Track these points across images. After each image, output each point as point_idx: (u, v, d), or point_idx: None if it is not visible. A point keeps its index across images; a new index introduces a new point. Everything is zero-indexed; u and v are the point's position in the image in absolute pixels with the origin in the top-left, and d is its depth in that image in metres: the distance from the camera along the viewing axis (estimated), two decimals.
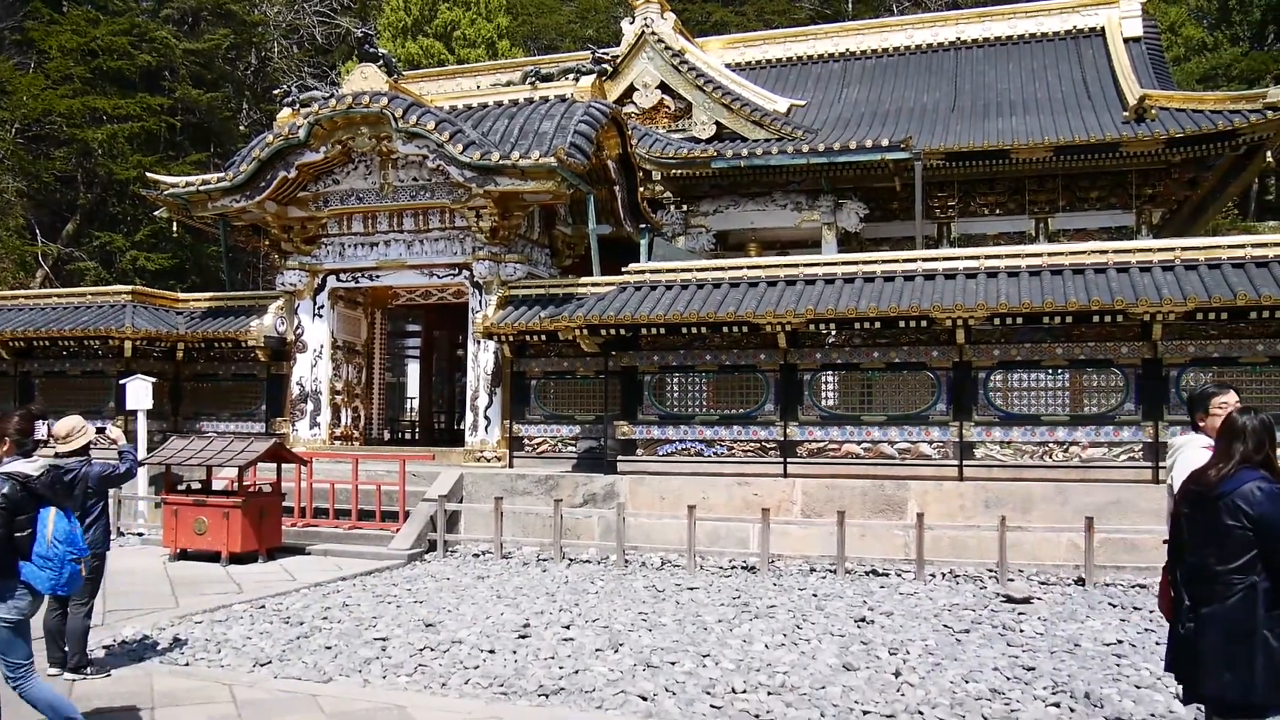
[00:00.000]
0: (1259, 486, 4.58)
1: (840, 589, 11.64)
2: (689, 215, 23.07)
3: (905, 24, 29.99)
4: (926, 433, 13.81)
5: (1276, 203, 49.18)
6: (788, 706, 7.11)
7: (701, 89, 24.16)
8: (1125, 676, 7.82)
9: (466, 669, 8.09)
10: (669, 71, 24.67)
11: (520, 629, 9.44)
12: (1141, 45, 26.01)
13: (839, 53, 28.91)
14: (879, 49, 28.68)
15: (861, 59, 28.66)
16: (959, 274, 13.85)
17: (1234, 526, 4.58)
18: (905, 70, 27.81)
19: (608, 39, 38.25)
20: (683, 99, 24.66)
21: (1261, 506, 4.53)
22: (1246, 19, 45.54)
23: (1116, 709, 6.97)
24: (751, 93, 24.36)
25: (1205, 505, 4.73)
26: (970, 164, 21.73)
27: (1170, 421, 12.99)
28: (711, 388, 14.98)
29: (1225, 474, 4.69)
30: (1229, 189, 24.20)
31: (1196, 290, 12.45)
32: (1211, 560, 4.66)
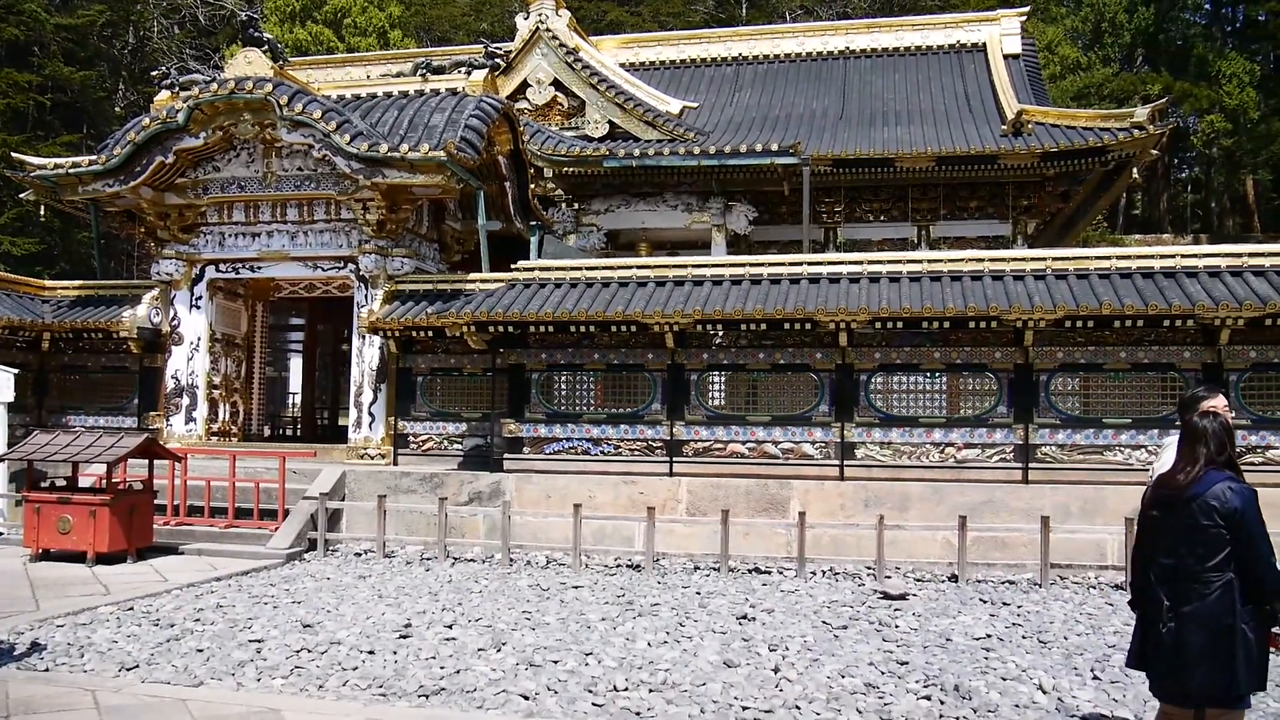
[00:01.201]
0: (1229, 487, 4.89)
1: (723, 587, 11.78)
2: (580, 213, 23.07)
3: (797, 31, 30.54)
4: (809, 433, 14.08)
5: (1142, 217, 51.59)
6: (669, 704, 7.17)
7: (595, 88, 24.19)
8: (993, 669, 8.10)
9: (345, 670, 7.94)
10: (563, 69, 24.63)
11: (401, 629, 9.31)
12: (1020, 62, 27.00)
13: (732, 57, 29.27)
14: (771, 55, 29.14)
15: (754, 64, 29.08)
16: (843, 278, 14.16)
17: (1208, 526, 4.88)
18: (796, 77, 28.30)
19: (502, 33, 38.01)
20: (576, 97, 24.65)
21: (1232, 504, 4.84)
22: (1117, 41, 47.66)
23: (984, 700, 7.22)
24: (645, 93, 24.51)
25: (1177, 507, 4.99)
26: (857, 171, 22.24)
27: (1040, 424, 13.51)
28: (599, 386, 15.01)
29: (1194, 477, 4.96)
30: (1099, 202, 25.31)
31: (1066, 299, 12.97)
32: (1188, 560, 4.93)
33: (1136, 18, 47.39)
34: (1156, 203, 52.19)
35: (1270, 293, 12.64)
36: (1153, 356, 13.34)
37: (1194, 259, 13.59)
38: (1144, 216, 51.94)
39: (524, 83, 24.94)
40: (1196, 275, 13.25)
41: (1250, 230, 47.48)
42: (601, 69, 24.73)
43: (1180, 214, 54.34)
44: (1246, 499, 4.88)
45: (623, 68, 26.43)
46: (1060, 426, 13.51)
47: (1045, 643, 9.06)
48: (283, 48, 18.33)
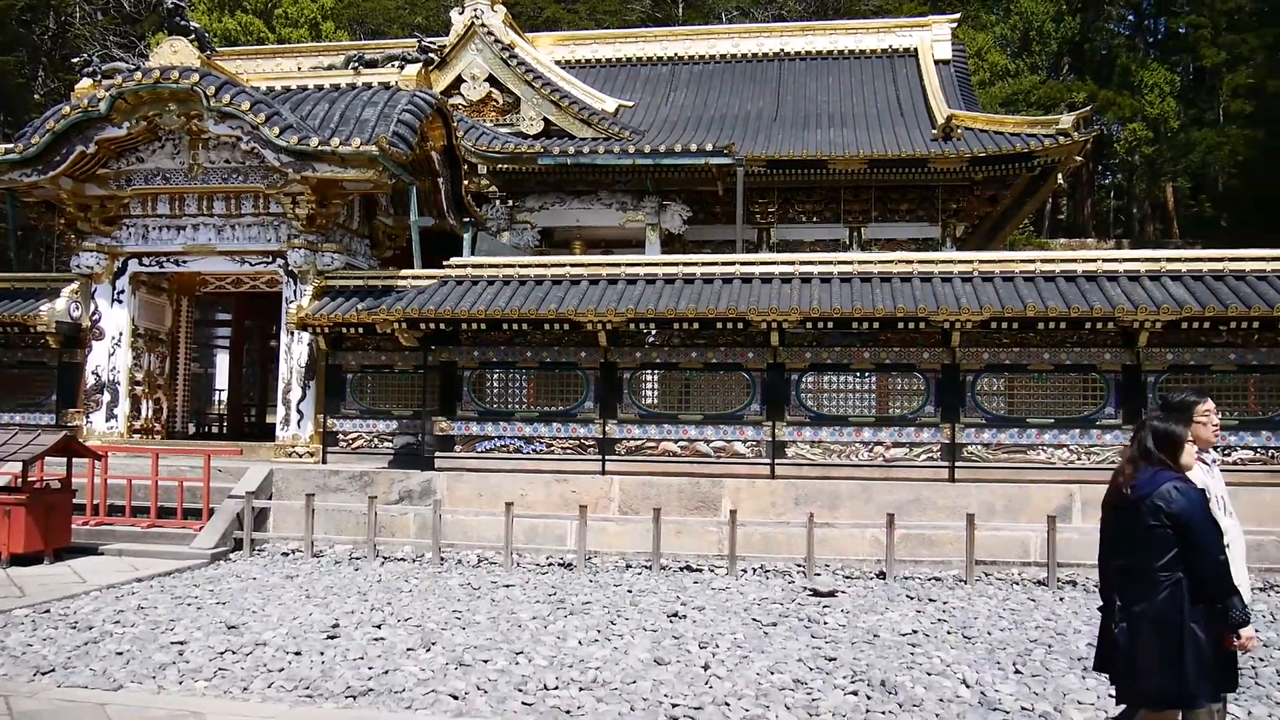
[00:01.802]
0: (1175, 487, 4.92)
1: (655, 585, 11.81)
2: (514, 211, 22.96)
3: (733, 32, 30.71)
4: (741, 432, 14.17)
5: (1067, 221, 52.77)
6: (599, 701, 7.17)
7: (531, 85, 24.09)
8: (919, 665, 8.22)
9: (270, 672, 7.82)
10: (498, 65, 24.49)
11: (329, 629, 9.19)
12: (951, 68, 27.44)
13: (668, 56, 29.33)
14: (706, 55, 29.25)
15: (689, 64, 29.17)
16: (775, 278, 14.28)
17: (1155, 526, 4.90)
18: (731, 78, 28.45)
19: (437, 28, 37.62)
20: (511, 93, 24.53)
21: (1178, 504, 4.86)
22: (1045, 50, 48.66)
23: (909, 695, 7.32)
24: (581, 91, 24.47)
25: (1127, 508, 5.04)
26: (790, 172, 22.43)
27: (966, 424, 13.76)
28: (532, 385, 14.95)
29: (1133, 477, 5.03)
30: (1025, 207, 25.85)
31: (992, 301, 13.23)
32: (1137, 560, 4.98)
33: (1063, 27, 48.43)
34: (1081, 208, 53.43)
35: (1186, 297, 13.01)
36: (1075, 358, 13.66)
37: (1115, 263, 13.95)
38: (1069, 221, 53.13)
39: (459, 78, 24.75)
40: (1117, 279, 13.59)
41: (1170, 236, 48.83)
42: (537, 66, 24.63)
43: (1104, 219, 55.71)
44: (1192, 500, 4.92)
45: (559, 65, 26.36)
46: (986, 426, 13.77)
47: (970, 638, 9.22)
48: (210, 37, 17.99)
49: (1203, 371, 13.50)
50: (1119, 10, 51.51)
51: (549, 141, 22.58)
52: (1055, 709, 7.05)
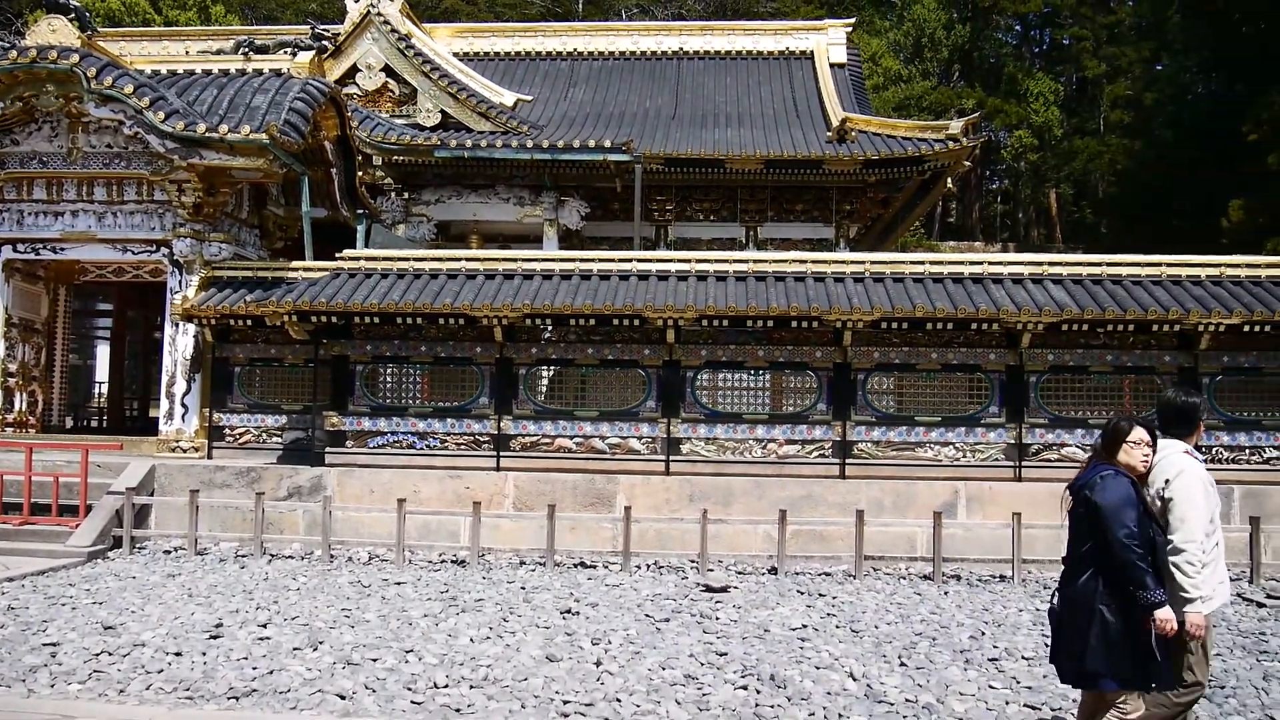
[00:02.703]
0: (1100, 475, 5.19)
1: (549, 581, 11.78)
2: (410, 203, 22.62)
3: (632, 30, 30.78)
4: (636, 429, 14.22)
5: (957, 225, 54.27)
6: (489, 699, 7.12)
7: (428, 76, 23.77)
8: (808, 659, 8.36)
9: (149, 673, 7.56)
10: (395, 55, 24.10)
11: (212, 629, 8.93)
12: (845, 72, 27.98)
13: (567, 52, 29.26)
14: (606, 52, 29.27)
15: (589, 60, 29.15)
16: (671, 276, 14.37)
17: (1082, 514, 5.23)
18: (630, 75, 28.52)
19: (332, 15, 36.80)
20: (408, 84, 24.17)
21: (1096, 492, 5.13)
22: (936, 56, 49.94)
23: (798, 689, 7.44)
24: (479, 84, 24.24)
25: (1073, 499, 5.37)
26: (688, 170, 22.60)
27: (857, 421, 14.03)
28: (426, 380, 14.76)
29: (1082, 470, 5.39)
30: (916, 209, 26.49)
31: (882, 301, 13.52)
32: (1071, 546, 5.33)
33: (954, 35, 49.77)
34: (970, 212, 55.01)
35: (1066, 300, 13.50)
36: (961, 358, 14.05)
37: (1000, 267, 14.39)
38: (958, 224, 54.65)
39: (354, 67, 24.28)
40: (1002, 282, 14.03)
41: (1053, 240, 50.63)
42: (435, 57, 24.31)
43: (991, 223, 57.42)
44: (1110, 491, 5.10)
45: (456, 57, 26.07)
46: (876, 424, 14.07)
47: (858, 632, 9.40)
48: (92, 16, 17.30)
49: (1082, 372, 14.01)
50: (1007, 20, 53.13)
51: (446, 134, 22.30)
52: (938, 700, 7.24)
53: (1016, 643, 9.00)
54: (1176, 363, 13.92)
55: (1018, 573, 12.33)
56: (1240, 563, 12.74)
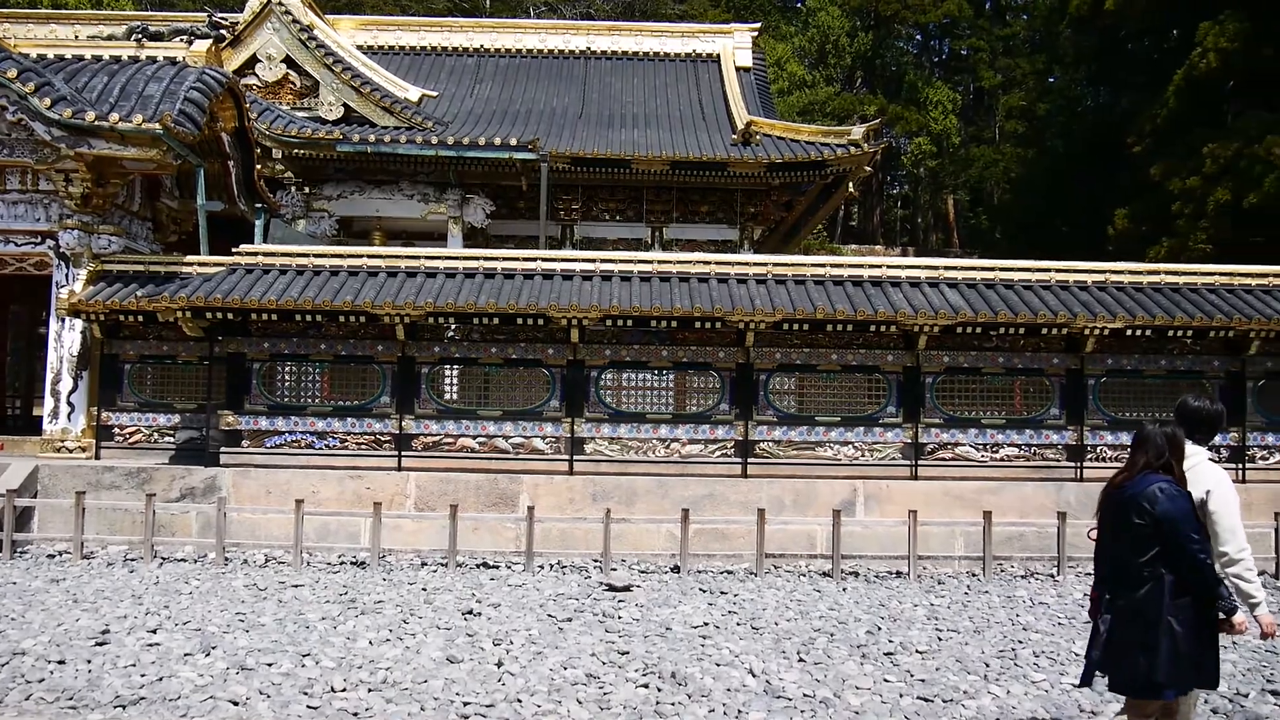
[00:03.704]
0: (1160, 488, 5.19)
1: (450, 582, 11.67)
2: (311, 198, 22.17)
3: (540, 28, 30.68)
4: (540, 428, 14.17)
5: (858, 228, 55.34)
6: (388, 703, 7.03)
7: (330, 68, 23.33)
8: (709, 656, 8.44)
9: (29, 683, 7.27)
10: (296, 46, 23.59)
11: (98, 636, 8.63)
12: (751, 75, 28.30)
13: (474, 48, 29.03)
14: (513, 49, 29.12)
15: (495, 57, 28.96)
16: (576, 275, 14.36)
17: (1140, 525, 5.18)
18: (537, 73, 28.42)
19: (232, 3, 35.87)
20: (310, 77, 23.68)
21: (1162, 506, 5.12)
22: (840, 63, 50.87)
23: (699, 686, 7.51)
24: (383, 78, 23.87)
25: (1117, 508, 5.34)
26: (594, 170, 22.61)
27: (759, 421, 14.21)
28: (326, 378, 14.49)
29: (1128, 478, 5.32)
30: (819, 213, 26.95)
31: (784, 303, 13.72)
32: (1124, 557, 5.26)
33: (857, 42, 50.76)
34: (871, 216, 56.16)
35: (961, 303, 13.87)
36: (860, 359, 14.33)
37: (898, 270, 14.72)
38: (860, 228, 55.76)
39: (253, 58, 23.69)
40: (900, 285, 14.35)
41: (951, 245, 52.00)
42: (338, 49, 23.87)
43: (891, 227, 58.73)
44: (1175, 501, 5.16)
45: (360, 50, 25.62)
46: (777, 423, 14.26)
47: (758, 629, 9.53)
48: None
49: (975, 374, 14.41)
50: (908, 30, 54.38)
51: (349, 128, 21.93)
52: (835, 694, 7.38)
53: (911, 637, 9.22)
54: (1064, 365, 14.41)
55: (913, 569, 12.62)
56: None
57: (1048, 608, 10.83)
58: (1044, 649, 8.89)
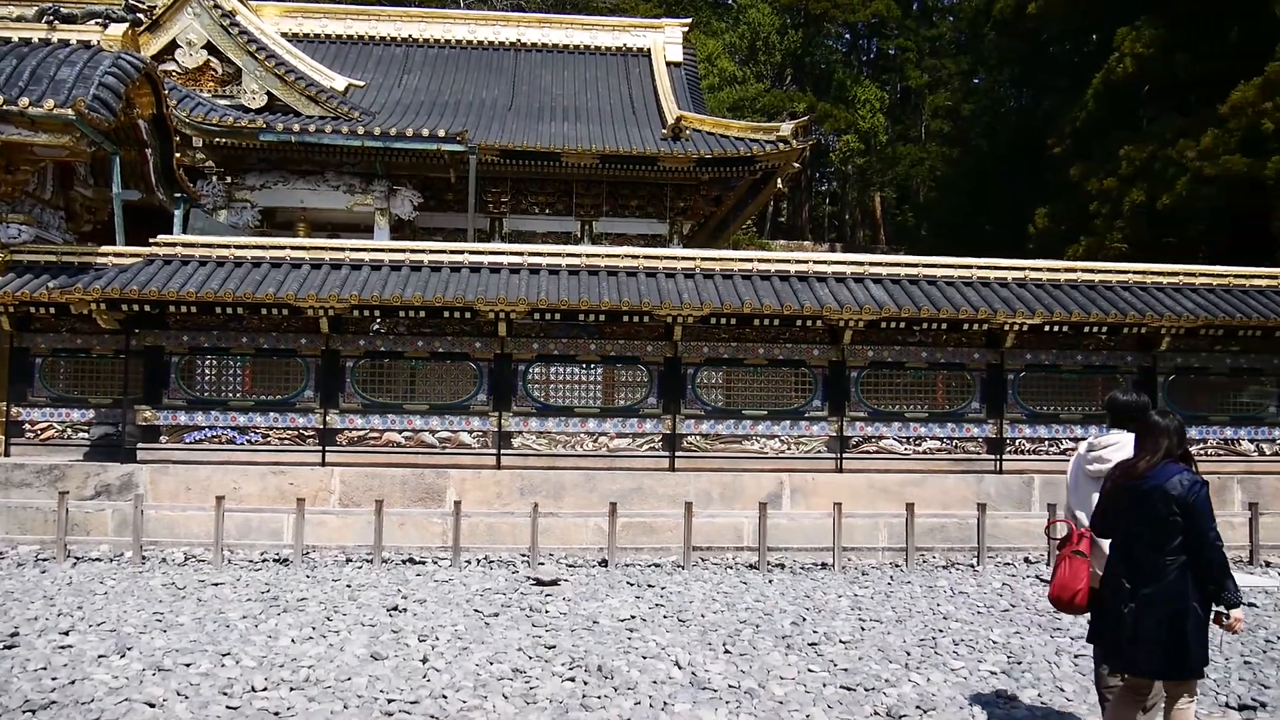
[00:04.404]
0: (1186, 478, 5.35)
1: (376, 578, 11.54)
2: (233, 188, 21.74)
3: (469, 19, 30.41)
4: (467, 422, 14.06)
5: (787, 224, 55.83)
6: (310, 701, 6.93)
7: (253, 56, 22.87)
8: (635, 649, 8.47)
9: None
10: (218, 32, 23.08)
11: (7, 639, 8.37)
12: (682, 70, 28.38)
13: (402, 38, 28.67)
14: (442, 39, 28.82)
15: (424, 47, 28.64)
16: (504, 269, 14.26)
17: (1166, 514, 5.30)
18: (467, 64, 28.17)
19: None
20: (232, 64, 23.19)
21: (1190, 495, 5.28)
22: (770, 60, 51.27)
23: (625, 679, 7.53)
24: (308, 66, 23.46)
25: (1140, 497, 5.40)
26: (523, 163, 22.50)
27: (686, 415, 14.26)
28: (248, 372, 14.21)
29: (1152, 467, 5.41)
30: (748, 208, 27.15)
31: (712, 297, 13.78)
32: (1148, 545, 5.36)
33: (787, 39, 51.17)
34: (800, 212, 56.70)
35: (886, 298, 14.06)
36: (787, 353, 14.45)
37: (824, 265, 14.87)
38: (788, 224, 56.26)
39: (173, 43, 23.12)
40: (826, 280, 14.50)
41: (877, 242, 52.75)
42: (261, 36, 23.40)
43: (820, 224, 59.38)
44: (1200, 489, 5.34)
45: (285, 37, 25.15)
46: (705, 417, 14.33)
47: (684, 621, 9.57)
48: None
49: (899, 368, 14.63)
50: (837, 29, 55.02)
51: (272, 117, 21.51)
52: (759, 685, 7.45)
53: (835, 627, 9.34)
54: (985, 360, 14.69)
55: (838, 560, 12.77)
56: (1040, 547, 13.59)
57: (967, 597, 11.04)
58: (963, 637, 9.07)
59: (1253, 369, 15.26)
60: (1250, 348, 15.14)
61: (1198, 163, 27.54)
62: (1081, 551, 5.84)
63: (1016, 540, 14.03)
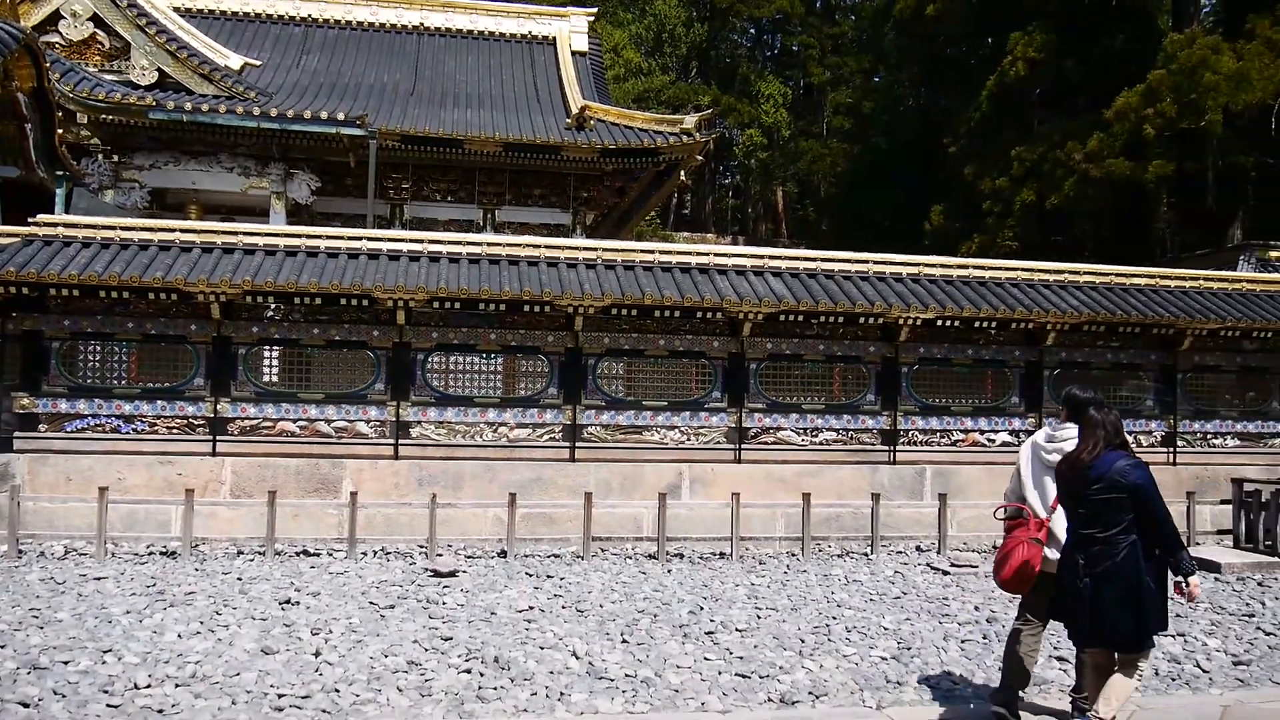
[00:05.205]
0: (1127, 463, 5.81)
1: (268, 571, 11.28)
2: (121, 167, 20.96)
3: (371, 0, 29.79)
4: (364, 412, 13.82)
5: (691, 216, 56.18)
6: (196, 698, 6.74)
7: (143, 30, 22.04)
8: (533, 639, 8.44)
9: None
10: (105, 4, 22.15)
11: None
12: (587, 60, 28.29)
13: (300, 17, 28.00)
14: (342, 21, 28.24)
15: (324, 27, 28.02)
16: (404, 256, 14.05)
17: (1114, 497, 5.76)
18: (368, 46, 27.65)
19: None
20: (121, 38, 22.29)
21: (1132, 476, 5.75)
22: (676, 52, 51.48)
23: (522, 669, 7.50)
24: (202, 43, 22.70)
25: (1088, 483, 5.84)
26: (425, 149, 22.17)
27: (587, 405, 14.25)
28: (134, 359, 13.72)
29: (1095, 456, 5.86)
30: (652, 200, 27.19)
31: (613, 288, 13.78)
32: (1098, 527, 5.80)
33: (693, 32, 51.44)
34: (704, 204, 57.12)
35: (785, 292, 14.25)
36: (687, 345, 14.54)
37: (725, 258, 14.99)
38: (693, 216, 56.65)
39: (56, 14, 22.10)
40: (726, 273, 14.63)
41: (779, 235, 53.42)
42: (152, 10, 22.54)
43: (723, 216, 59.90)
44: (1144, 472, 5.82)
45: (178, 12, 24.30)
46: (605, 408, 14.34)
47: (583, 611, 9.58)
48: None
49: (797, 360, 14.84)
50: (742, 23, 55.50)
51: (164, 95, 20.79)
52: (656, 674, 7.49)
53: (732, 616, 9.45)
54: (880, 353, 15.00)
55: (736, 550, 12.92)
56: (931, 535, 13.95)
57: (861, 585, 11.27)
58: (856, 624, 9.26)
59: (1131, 364, 15.90)
60: (1129, 344, 15.78)
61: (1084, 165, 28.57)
62: (1039, 539, 6.28)
63: (909, 529, 14.39)
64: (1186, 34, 28.68)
